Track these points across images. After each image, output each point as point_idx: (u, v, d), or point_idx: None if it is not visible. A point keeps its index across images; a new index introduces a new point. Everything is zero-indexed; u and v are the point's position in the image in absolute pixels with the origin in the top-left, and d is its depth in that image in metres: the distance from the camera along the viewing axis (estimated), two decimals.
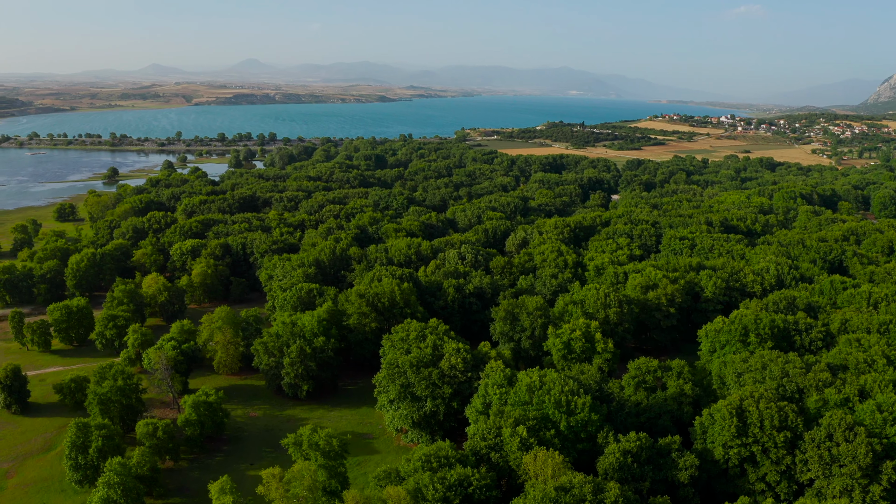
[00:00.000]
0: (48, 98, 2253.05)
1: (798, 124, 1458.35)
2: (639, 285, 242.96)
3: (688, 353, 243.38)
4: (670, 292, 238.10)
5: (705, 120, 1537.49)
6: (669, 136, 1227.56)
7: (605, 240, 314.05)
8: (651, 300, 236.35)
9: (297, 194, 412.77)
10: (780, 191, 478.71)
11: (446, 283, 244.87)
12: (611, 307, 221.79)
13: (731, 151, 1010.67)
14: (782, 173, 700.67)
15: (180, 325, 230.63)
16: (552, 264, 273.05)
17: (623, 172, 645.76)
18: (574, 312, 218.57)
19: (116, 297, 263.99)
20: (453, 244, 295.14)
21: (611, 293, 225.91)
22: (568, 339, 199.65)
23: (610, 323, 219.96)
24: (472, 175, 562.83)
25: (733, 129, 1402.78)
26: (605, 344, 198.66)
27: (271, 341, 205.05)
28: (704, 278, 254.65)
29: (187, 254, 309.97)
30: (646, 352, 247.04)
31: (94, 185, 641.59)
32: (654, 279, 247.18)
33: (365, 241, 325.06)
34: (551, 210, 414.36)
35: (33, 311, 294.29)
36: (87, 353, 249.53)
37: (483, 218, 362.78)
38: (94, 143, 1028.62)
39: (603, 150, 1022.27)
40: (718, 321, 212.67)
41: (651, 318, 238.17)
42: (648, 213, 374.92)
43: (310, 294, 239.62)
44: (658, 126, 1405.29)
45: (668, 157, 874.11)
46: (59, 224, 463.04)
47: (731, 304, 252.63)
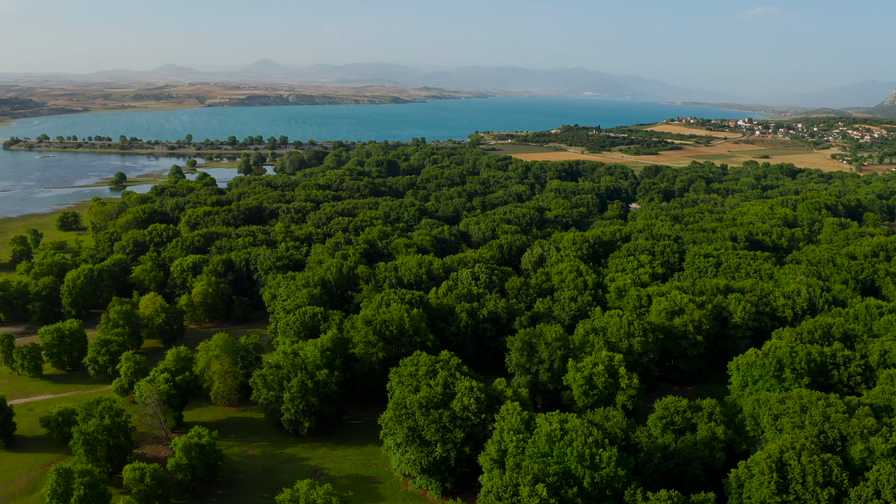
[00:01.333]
0: (61, 99, 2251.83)
1: (816, 128, 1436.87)
2: (664, 311, 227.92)
3: (715, 382, 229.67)
4: (697, 318, 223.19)
5: (722, 123, 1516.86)
6: (686, 140, 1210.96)
7: (626, 256, 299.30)
8: (677, 327, 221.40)
9: (305, 205, 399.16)
10: (803, 202, 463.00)
11: (459, 307, 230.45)
12: (635, 336, 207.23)
13: (750, 157, 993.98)
14: (803, 181, 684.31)
15: (176, 352, 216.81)
16: (571, 285, 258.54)
17: (641, 180, 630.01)
18: (596, 343, 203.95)
19: (112, 318, 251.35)
20: (466, 263, 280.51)
21: (634, 321, 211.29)
22: (590, 374, 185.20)
23: (634, 353, 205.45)
24: (486, 183, 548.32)
25: (751, 133, 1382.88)
26: (630, 380, 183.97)
27: (270, 374, 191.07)
28: (733, 302, 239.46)
29: (188, 270, 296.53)
30: (670, 381, 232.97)
31: (101, 191, 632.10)
32: (680, 304, 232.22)
33: (374, 256, 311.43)
34: (568, 222, 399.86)
35: (28, 331, 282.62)
36: (79, 379, 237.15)
37: (498, 231, 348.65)
38: (104, 145, 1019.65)
39: (619, 154, 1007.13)
40: (751, 354, 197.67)
41: (677, 347, 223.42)
42: (670, 226, 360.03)
43: (314, 318, 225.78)
44: (675, 130, 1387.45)
45: (686, 163, 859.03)
46: (61, 233, 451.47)
47: (761, 330, 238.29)
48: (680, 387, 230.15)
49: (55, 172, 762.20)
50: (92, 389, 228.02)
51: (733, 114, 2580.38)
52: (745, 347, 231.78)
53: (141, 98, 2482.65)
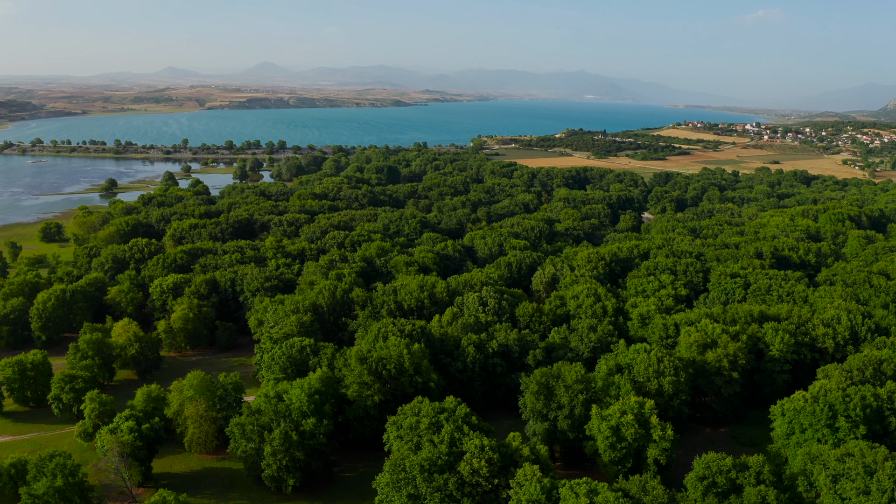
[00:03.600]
0: (60, 101, 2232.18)
1: (825, 132, 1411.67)
2: (695, 343, 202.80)
3: (751, 423, 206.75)
4: (732, 353, 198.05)
5: (730, 128, 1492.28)
6: (694, 145, 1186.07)
7: (646, 276, 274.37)
8: (710, 363, 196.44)
9: (299, 217, 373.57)
10: (825, 212, 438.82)
11: (465, 339, 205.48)
12: (665, 375, 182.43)
13: (760, 162, 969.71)
14: (819, 188, 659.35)
15: (147, 391, 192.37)
16: (588, 311, 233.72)
17: (652, 188, 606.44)
18: (622, 384, 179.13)
19: (81, 348, 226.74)
20: (473, 285, 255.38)
21: (664, 357, 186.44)
22: (617, 424, 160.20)
23: (664, 395, 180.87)
24: (491, 191, 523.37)
25: (759, 137, 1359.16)
26: (664, 431, 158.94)
27: (250, 422, 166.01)
28: (769, 333, 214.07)
29: (168, 292, 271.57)
30: (701, 421, 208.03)
31: (91, 199, 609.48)
32: (713, 335, 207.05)
33: (372, 275, 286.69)
34: (579, 235, 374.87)
35: None
36: (43, 417, 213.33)
37: (505, 247, 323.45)
38: (99, 150, 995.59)
39: (626, 160, 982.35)
40: (798, 398, 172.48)
41: (710, 385, 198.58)
42: (690, 242, 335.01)
43: (302, 352, 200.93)
44: (682, 134, 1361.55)
45: (696, 169, 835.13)
46: (43, 245, 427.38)
47: (800, 363, 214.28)
48: (713, 428, 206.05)
49: (46, 178, 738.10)
50: (56, 431, 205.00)
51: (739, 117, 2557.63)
52: (783, 383, 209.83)
53: (140, 101, 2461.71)
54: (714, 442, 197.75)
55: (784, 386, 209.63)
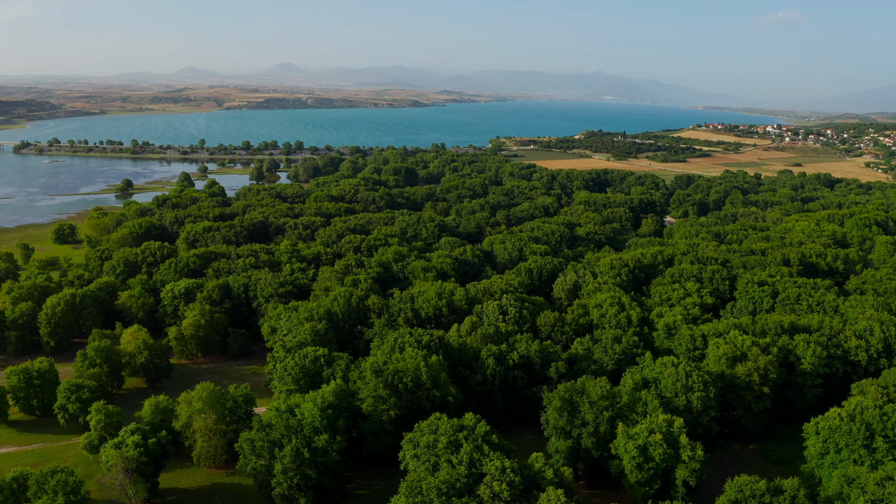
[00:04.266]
0: (79, 101, 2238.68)
1: (846, 134, 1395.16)
2: (724, 356, 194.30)
3: (781, 439, 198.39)
4: (763, 366, 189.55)
5: (751, 130, 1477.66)
6: (715, 146, 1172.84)
7: (671, 284, 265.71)
8: (740, 377, 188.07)
9: (315, 220, 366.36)
10: (851, 217, 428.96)
11: (485, 351, 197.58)
12: (694, 391, 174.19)
13: (782, 165, 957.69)
14: (843, 191, 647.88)
15: (154, 402, 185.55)
16: (613, 321, 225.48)
17: (673, 191, 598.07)
18: (649, 400, 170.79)
19: (89, 356, 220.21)
20: (493, 293, 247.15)
21: (693, 372, 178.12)
22: (644, 444, 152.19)
23: (692, 411, 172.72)
24: (510, 194, 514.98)
25: (780, 139, 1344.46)
26: (694, 451, 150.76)
27: (259, 438, 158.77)
28: (801, 345, 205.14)
29: (180, 297, 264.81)
30: (730, 437, 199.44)
31: (106, 199, 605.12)
32: (742, 347, 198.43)
33: (388, 280, 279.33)
34: (601, 239, 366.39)
35: (3, 363, 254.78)
36: (49, 427, 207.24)
37: (525, 252, 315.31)
38: (116, 150, 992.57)
39: (646, 162, 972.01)
40: (833, 416, 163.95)
41: (739, 400, 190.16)
42: (715, 248, 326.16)
43: (316, 363, 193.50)
44: (702, 136, 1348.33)
45: (717, 171, 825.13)
46: (56, 247, 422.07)
47: (832, 377, 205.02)
48: (741, 445, 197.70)
49: (61, 179, 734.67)
50: (62, 441, 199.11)
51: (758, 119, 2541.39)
52: (814, 398, 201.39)
53: (159, 101, 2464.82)
54: (743, 459, 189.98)
55: (815, 401, 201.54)
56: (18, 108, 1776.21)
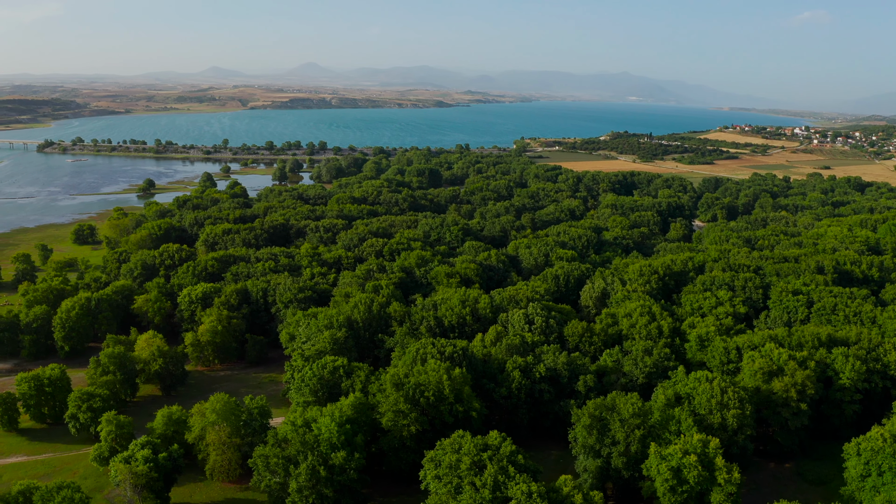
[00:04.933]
0: (104, 100, 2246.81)
1: (875, 137, 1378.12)
2: (759, 371, 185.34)
3: (818, 457, 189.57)
4: (800, 381, 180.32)
5: (778, 131, 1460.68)
6: (742, 148, 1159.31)
7: (702, 292, 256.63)
8: (777, 393, 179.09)
9: (336, 223, 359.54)
10: (884, 223, 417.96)
11: (510, 363, 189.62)
12: (729, 408, 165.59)
13: (810, 167, 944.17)
14: (874, 195, 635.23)
15: (167, 413, 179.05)
16: (643, 332, 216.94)
17: (702, 194, 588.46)
18: (682, 419, 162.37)
19: (102, 363, 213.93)
20: (518, 301, 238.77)
21: (728, 388, 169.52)
22: (678, 466, 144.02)
23: (727, 430, 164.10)
24: (536, 197, 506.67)
25: (808, 141, 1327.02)
26: (730, 473, 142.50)
27: (274, 454, 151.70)
28: (839, 359, 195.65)
29: (197, 302, 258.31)
30: (764, 455, 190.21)
31: (128, 199, 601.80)
32: (779, 361, 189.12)
33: (411, 286, 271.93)
34: (629, 244, 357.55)
35: (17, 367, 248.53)
36: (59, 436, 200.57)
37: (552, 257, 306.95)
38: (139, 149, 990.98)
39: (673, 164, 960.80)
40: (876, 437, 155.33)
41: (776, 417, 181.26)
42: (747, 254, 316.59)
43: (335, 374, 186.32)
44: (729, 138, 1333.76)
45: (745, 174, 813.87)
46: (75, 248, 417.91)
47: (870, 392, 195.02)
48: (777, 463, 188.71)
49: (84, 178, 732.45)
50: (72, 451, 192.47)
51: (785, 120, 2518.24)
52: (852, 414, 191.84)
53: (184, 100, 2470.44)
54: (779, 479, 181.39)
55: (853, 417, 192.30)
56: (44, 106, 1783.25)
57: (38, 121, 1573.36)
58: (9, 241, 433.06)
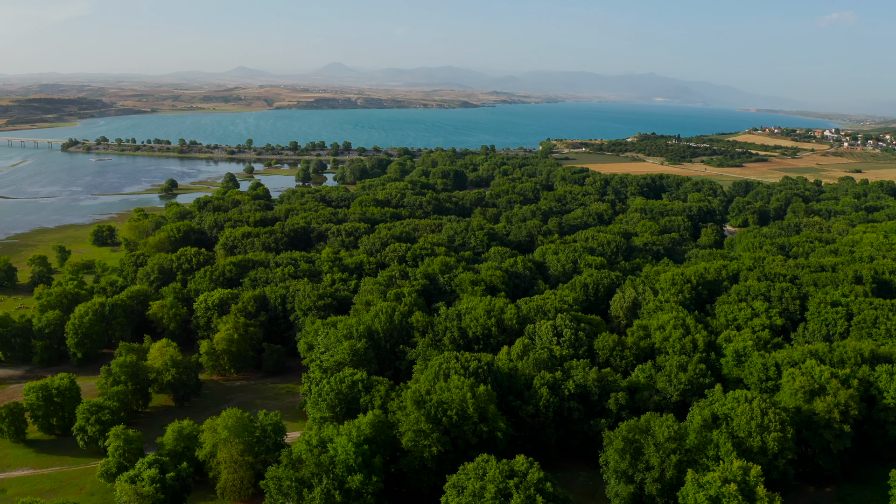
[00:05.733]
0: (130, 100, 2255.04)
1: None
2: (800, 389, 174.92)
3: (861, 481, 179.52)
4: (843, 401, 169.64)
5: (808, 134, 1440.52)
6: (771, 151, 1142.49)
7: (737, 302, 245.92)
8: (819, 413, 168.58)
9: (359, 226, 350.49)
10: None
11: (538, 379, 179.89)
12: (770, 430, 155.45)
13: (841, 171, 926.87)
14: None
15: (178, 428, 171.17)
16: (677, 346, 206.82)
17: (732, 198, 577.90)
18: (720, 442, 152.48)
19: (113, 372, 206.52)
20: (546, 312, 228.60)
21: (769, 409, 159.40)
22: (717, 495, 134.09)
23: (767, 453, 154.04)
24: (563, 200, 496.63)
25: (839, 144, 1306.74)
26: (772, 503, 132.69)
27: (287, 475, 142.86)
28: (883, 377, 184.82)
29: (213, 309, 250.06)
30: (804, 478, 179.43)
31: (150, 199, 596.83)
32: (820, 380, 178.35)
33: (434, 293, 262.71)
34: (659, 251, 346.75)
35: (29, 374, 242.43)
36: (68, 448, 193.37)
37: (580, 264, 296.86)
38: (163, 149, 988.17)
39: (702, 166, 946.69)
40: None
41: (817, 439, 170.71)
42: (783, 263, 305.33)
43: (353, 388, 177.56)
44: (758, 140, 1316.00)
45: (774, 177, 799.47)
46: (94, 249, 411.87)
47: None
48: (817, 487, 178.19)
49: (107, 178, 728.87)
50: (80, 465, 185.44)
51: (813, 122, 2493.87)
52: None
53: (209, 100, 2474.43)
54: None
55: None
56: (70, 105, 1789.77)
57: (64, 120, 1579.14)
58: (28, 242, 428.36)
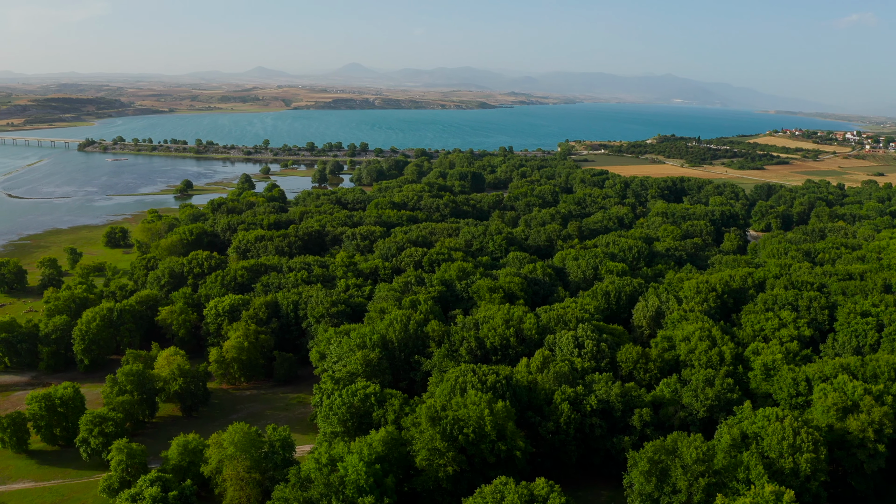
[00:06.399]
0: (148, 100, 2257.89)
1: None
2: (833, 407, 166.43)
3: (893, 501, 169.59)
4: (877, 419, 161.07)
5: (829, 136, 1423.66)
6: (792, 153, 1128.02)
7: (764, 312, 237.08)
8: (853, 432, 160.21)
9: (374, 230, 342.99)
10: None
11: (558, 394, 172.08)
12: (802, 451, 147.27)
13: (864, 174, 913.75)
14: None
15: (183, 442, 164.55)
16: (703, 358, 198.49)
17: (754, 201, 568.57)
18: (751, 465, 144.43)
19: (119, 381, 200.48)
20: (567, 321, 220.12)
21: (802, 429, 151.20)
22: None
23: (799, 475, 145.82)
24: (582, 203, 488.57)
25: (861, 147, 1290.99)
26: None
27: (295, 498, 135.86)
28: None
29: (224, 315, 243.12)
30: (835, 499, 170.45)
31: (164, 200, 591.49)
32: (853, 396, 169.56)
33: (451, 300, 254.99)
34: (681, 256, 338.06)
35: (34, 381, 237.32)
36: (71, 460, 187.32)
37: (601, 270, 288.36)
38: (179, 149, 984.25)
39: (722, 168, 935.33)
40: None
41: (850, 459, 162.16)
42: (809, 270, 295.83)
43: (365, 402, 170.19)
44: (779, 142, 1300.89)
45: (796, 180, 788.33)
46: (106, 251, 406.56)
47: None
48: None
49: (122, 178, 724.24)
50: (83, 478, 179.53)
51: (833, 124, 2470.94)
52: None
53: (227, 100, 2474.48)
54: None
55: None
56: (88, 105, 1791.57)
57: (82, 119, 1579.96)
58: (40, 243, 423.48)
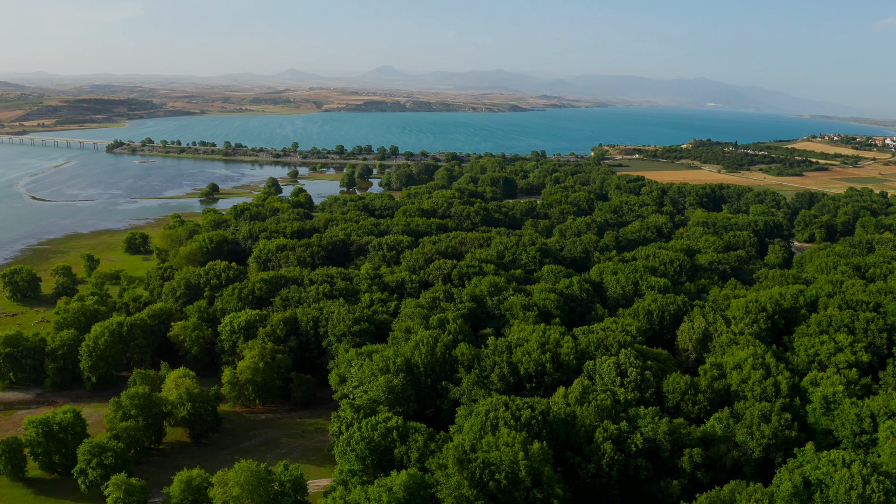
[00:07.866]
0: (180, 101, 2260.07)
1: None
2: None
3: None
4: None
5: (869, 142, 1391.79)
6: (832, 159, 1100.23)
7: (818, 335, 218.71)
8: None
9: (402, 239, 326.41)
10: None
11: (600, 431, 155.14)
12: (872, 502, 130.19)
13: None
14: None
15: (186, 478, 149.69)
16: (757, 389, 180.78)
17: (796, 210, 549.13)
18: None
19: (123, 405, 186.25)
20: (608, 346, 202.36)
21: (871, 477, 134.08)
22: None
23: None
24: (619, 211, 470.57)
25: None
26: None
27: None
28: None
29: (239, 332, 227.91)
30: None
31: (190, 204, 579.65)
32: None
33: (482, 318, 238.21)
34: (725, 270, 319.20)
35: (39, 398, 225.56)
36: (69, 490, 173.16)
37: (641, 286, 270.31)
38: (208, 151, 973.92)
39: (761, 175, 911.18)
40: None
41: None
42: (863, 288, 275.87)
43: (387, 437, 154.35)
44: (817, 148, 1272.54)
45: (837, 187, 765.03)
46: (125, 257, 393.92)
47: None
48: None
49: (148, 181, 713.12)
50: None
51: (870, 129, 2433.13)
52: None
53: (259, 102, 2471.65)
54: None
55: None
56: (119, 106, 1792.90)
57: (113, 120, 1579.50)
58: (59, 248, 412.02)
